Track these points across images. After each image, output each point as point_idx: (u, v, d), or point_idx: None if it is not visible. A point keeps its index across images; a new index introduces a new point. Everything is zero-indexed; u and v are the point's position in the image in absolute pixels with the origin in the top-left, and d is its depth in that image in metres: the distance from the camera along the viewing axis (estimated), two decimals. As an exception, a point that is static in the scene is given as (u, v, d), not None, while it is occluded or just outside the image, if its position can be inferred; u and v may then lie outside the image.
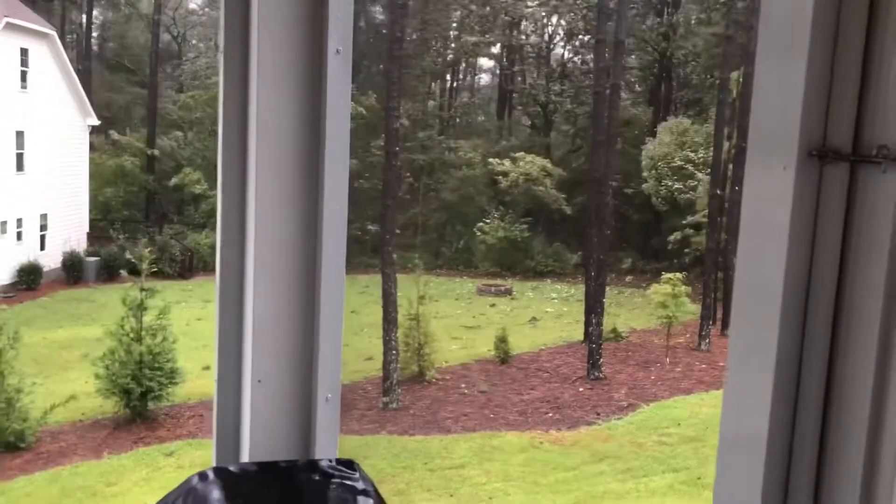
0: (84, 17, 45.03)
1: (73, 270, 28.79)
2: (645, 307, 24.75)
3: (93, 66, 44.69)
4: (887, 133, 1.26)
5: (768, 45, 1.39)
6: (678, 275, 21.91)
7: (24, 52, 28.49)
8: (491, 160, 33.95)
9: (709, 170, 26.88)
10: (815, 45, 1.30)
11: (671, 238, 29.10)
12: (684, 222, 28.66)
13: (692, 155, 30.22)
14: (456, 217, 34.75)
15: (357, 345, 19.95)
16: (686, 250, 28.19)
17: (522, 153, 33.93)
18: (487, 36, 40.75)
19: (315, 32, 1.46)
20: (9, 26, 27.26)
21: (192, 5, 46.89)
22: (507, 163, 33.23)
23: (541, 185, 32.75)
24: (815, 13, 1.29)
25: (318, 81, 1.47)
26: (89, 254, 29.83)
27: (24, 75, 28.68)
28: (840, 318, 1.32)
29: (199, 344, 19.41)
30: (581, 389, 19.18)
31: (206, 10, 46.07)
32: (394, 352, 18.67)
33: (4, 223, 27.83)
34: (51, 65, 30.04)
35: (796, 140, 1.30)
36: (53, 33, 30.67)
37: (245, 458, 1.57)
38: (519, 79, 42.78)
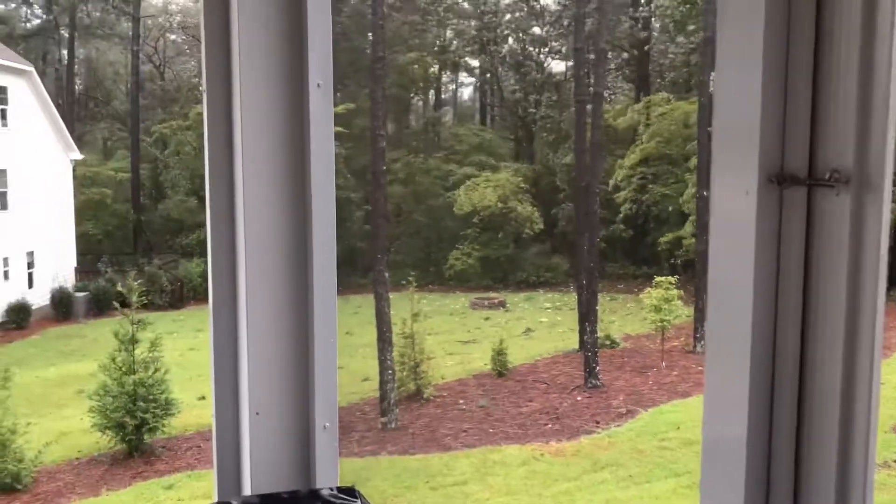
0: (65, 52, 44.97)
1: (62, 307, 28.55)
2: (638, 312, 24.63)
3: (79, 100, 44.71)
4: (839, 157, 1.32)
5: (724, 74, 1.45)
6: (670, 278, 21.87)
7: (2, 90, 28.43)
8: (452, 192, 33.71)
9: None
10: (767, 73, 1.35)
11: (662, 240, 28.84)
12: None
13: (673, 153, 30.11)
14: (443, 235, 34.79)
15: (353, 367, 19.80)
16: (677, 252, 28.06)
17: (486, 175, 33.66)
18: (467, 48, 40.96)
19: (295, 66, 1.48)
20: (-14, 65, 27.26)
21: (174, 36, 47.04)
22: (471, 190, 32.80)
23: (515, 202, 32.71)
24: (765, 41, 1.34)
25: (299, 115, 1.48)
26: (78, 289, 29.61)
27: (3, 113, 28.62)
28: (807, 328, 1.39)
29: (194, 374, 19.16)
30: (579, 398, 19.09)
31: (188, 39, 46.14)
32: (390, 371, 18.51)
33: (-9, 262, 27.74)
34: (31, 101, 29.93)
35: (756, 166, 1.37)
36: (31, 69, 30.60)
37: (247, 490, 1.56)
38: (499, 90, 42.93)
